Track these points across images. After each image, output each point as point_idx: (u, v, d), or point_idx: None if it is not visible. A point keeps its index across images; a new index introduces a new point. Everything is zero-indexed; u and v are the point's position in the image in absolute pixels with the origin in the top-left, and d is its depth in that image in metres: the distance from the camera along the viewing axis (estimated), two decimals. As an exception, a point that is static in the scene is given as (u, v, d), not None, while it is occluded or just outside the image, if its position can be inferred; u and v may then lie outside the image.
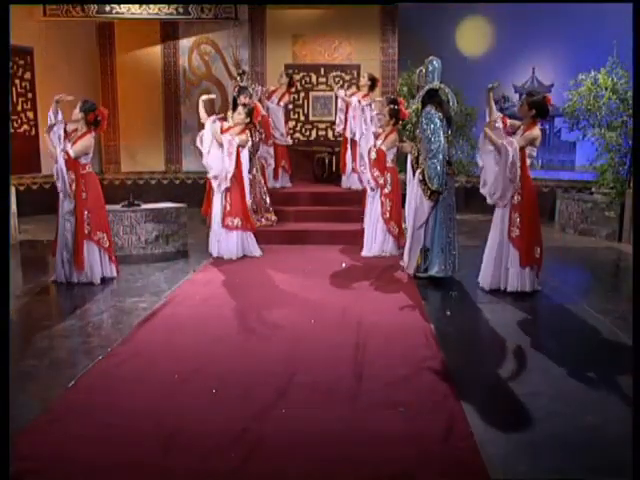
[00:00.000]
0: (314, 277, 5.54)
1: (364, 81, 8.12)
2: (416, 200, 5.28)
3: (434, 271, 5.29)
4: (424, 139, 5.20)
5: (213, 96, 6.82)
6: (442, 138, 5.10)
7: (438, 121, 5.13)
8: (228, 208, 6.20)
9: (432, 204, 5.20)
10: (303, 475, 2.44)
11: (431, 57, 5.37)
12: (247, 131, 6.37)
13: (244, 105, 6.49)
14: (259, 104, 7.46)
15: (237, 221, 6.23)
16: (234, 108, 6.70)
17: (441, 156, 5.09)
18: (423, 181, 5.18)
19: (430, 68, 5.29)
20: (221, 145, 6.13)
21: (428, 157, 5.13)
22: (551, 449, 2.62)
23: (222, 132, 6.22)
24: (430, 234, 5.30)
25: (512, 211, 4.88)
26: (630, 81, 7.24)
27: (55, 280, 5.33)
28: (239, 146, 6.18)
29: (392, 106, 6.35)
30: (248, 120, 6.35)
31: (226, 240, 6.24)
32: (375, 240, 6.41)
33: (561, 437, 2.72)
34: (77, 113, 5.19)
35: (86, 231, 5.19)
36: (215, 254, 6.29)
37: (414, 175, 5.35)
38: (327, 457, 2.55)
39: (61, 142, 5.11)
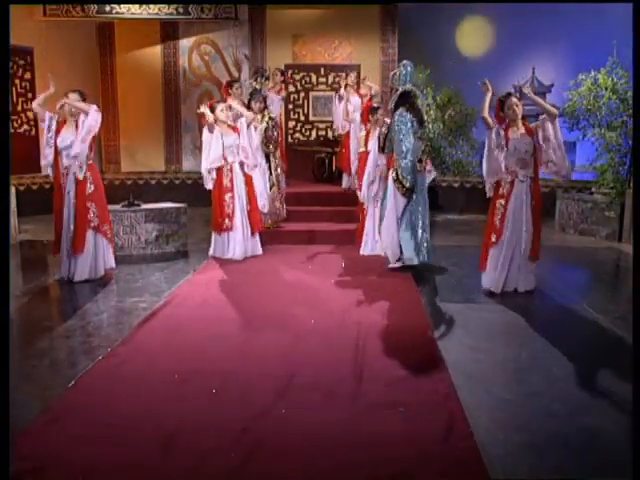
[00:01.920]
0: (314, 277, 5.54)
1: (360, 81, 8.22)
2: (391, 197, 5.58)
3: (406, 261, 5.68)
4: (396, 140, 5.46)
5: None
6: (412, 139, 5.42)
7: (409, 123, 5.44)
8: (249, 207, 6.25)
9: (406, 201, 5.54)
10: (303, 475, 2.44)
11: (404, 61, 5.70)
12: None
13: (218, 102, 6.44)
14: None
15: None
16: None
17: (411, 156, 5.40)
18: (397, 180, 5.44)
19: (403, 72, 5.59)
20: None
21: (401, 157, 5.42)
22: (551, 449, 2.62)
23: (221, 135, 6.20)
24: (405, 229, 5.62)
25: (532, 211, 4.88)
26: (630, 81, 7.24)
27: (60, 278, 5.32)
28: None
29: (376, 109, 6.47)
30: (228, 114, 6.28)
31: (248, 239, 6.29)
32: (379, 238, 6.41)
33: (561, 437, 2.72)
34: (84, 104, 5.17)
35: (94, 223, 5.25)
36: (230, 255, 6.17)
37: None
38: (327, 457, 2.55)
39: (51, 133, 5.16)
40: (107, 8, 9.01)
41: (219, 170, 6.14)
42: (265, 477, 2.43)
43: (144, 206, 6.65)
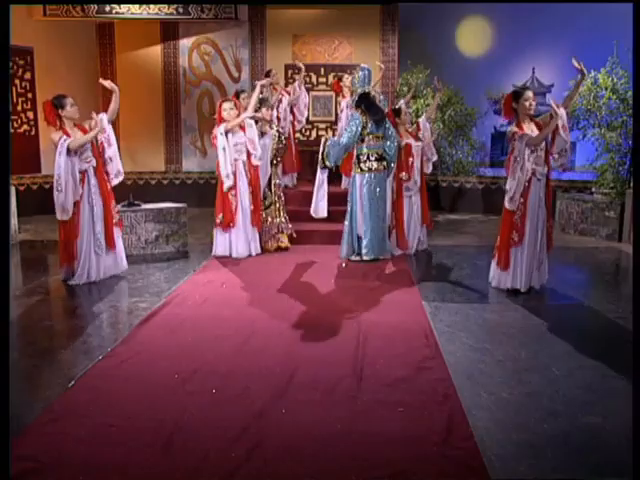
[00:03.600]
0: (314, 277, 5.55)
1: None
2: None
3: (366, 255, 6.13)
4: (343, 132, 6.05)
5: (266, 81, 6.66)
6: (347, 139, 5.92)
7: (358, 125, 5.93)
8: (252, 206, 6.32)
9: (324, 174, 6.05)
10: (303, 475, 2.44)
11: (362, 64, 6.17)
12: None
13: (227, 100, 6.44)
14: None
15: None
16: (257, 121, 6.61)
17: (344, 147, 5.93)
18: (322, 153, 5.92)
19: (361, 75, 6.01)
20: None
21: (336, 142, 5.96)
22: (551, 449, 2.62)
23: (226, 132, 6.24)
24: (364, 224, 6.09)
25: (545, 207, 4.94)
26: (630, 81, 7.25)
27: (76, 282, 5.23)
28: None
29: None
30: (237, 112, 6.28)
31: (252, 238, 6.36)
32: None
33: (561, 437, 2.72)
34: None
35: (115, 220, 5.41)
36: (235, 254, 6.27)
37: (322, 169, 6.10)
38: (327, 457, 2.55)
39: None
40: (107, 8, 9.00)
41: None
42: (265, 476, 2.43)
43: (144, 206, 6.65)
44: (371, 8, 9.46)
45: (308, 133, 9.97)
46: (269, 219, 6.68)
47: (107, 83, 5.30)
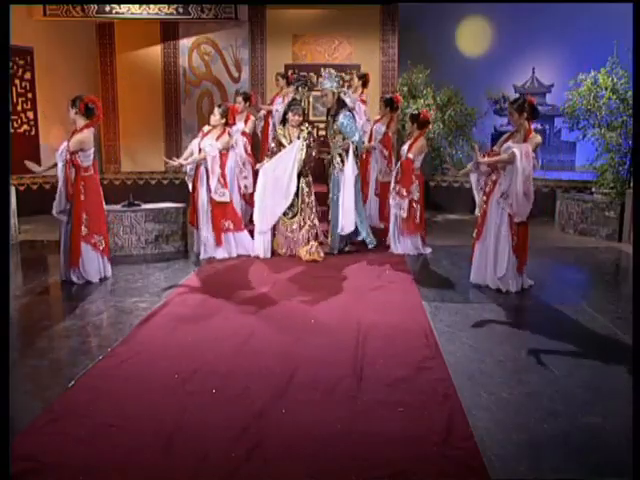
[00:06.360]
0: (314, 277, 5.54)
1: (356, 82, 8.12)
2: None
3: (371, 243, 6.61)
4: (348, 132, 6.22)
5: None
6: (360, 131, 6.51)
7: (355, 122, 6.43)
8: (215, 211, 6.20)
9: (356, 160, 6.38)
10: (303, 475, 2.44)
11: (331, 70, 6.65)
12: (227, 133, 6.29)
13: (219, 106, 6.41)
14: (238, 106, 7.32)
15: (228, 223, 6.26)
16: (283, 123, 6.51)
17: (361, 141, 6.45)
18: (357, 154, 6.32)
19: (337, 79, 6.49)
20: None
21: (358, 140, 6.28)
22: (551, 449, 2.63)
23: (202, 136, 6.25)
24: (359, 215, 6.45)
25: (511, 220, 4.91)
26: (630, 81, 7.25)
27: (61, 280, 5.36)
28: (222, 150, 6.18)
29: (415, 110, 6.96)
30: (224, 121, 6.23)
31: (211, 246, 6.24)
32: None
33: (561, 437, 2.72)
34: (71, 112, 5.19)
35: (83, 233, 5.19)
36: (206, 256, 6.25)
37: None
38: (327, 457, 2.55)
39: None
40: (107, 8, 9.00)
41: (196, 168, 6.25)
42: (265, 476, 2.43)
43: (144, 206, 6.64)
44: (371, 8, 9.46)
45: (308, 133, 9.97)
46: (295, 228, 6.39)
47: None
